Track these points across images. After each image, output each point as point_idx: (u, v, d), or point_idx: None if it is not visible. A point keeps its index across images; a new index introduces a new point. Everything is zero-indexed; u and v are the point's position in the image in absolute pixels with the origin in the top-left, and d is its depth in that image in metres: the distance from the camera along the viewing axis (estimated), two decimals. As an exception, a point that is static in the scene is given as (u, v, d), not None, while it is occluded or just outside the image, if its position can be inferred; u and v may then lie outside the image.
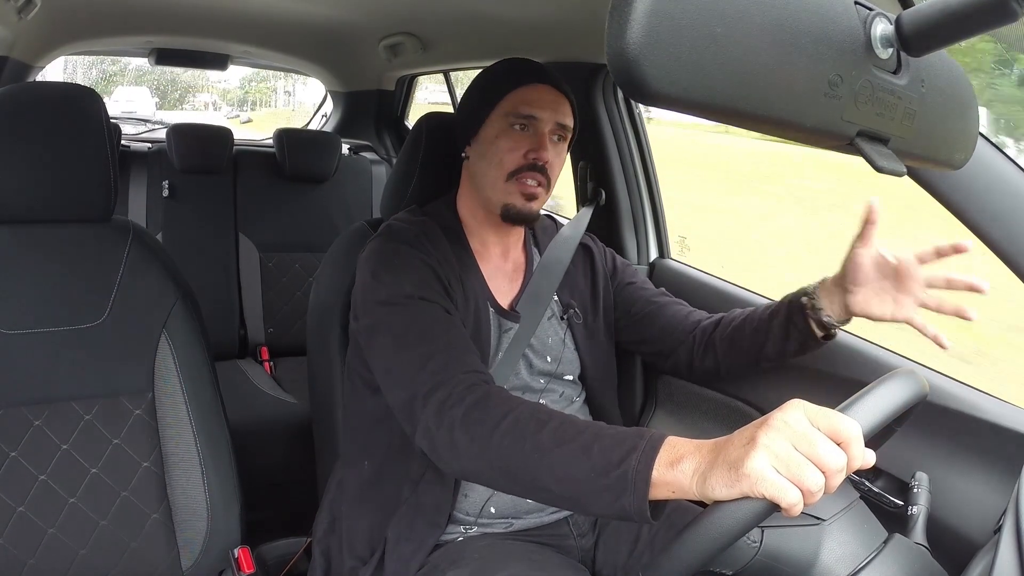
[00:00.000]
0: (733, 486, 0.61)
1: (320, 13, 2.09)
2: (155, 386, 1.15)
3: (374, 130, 2.85)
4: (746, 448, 0.62)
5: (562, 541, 1.12)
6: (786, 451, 0.60)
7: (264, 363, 2.30)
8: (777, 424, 0.62)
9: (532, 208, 1.07)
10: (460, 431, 0.82)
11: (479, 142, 1.09)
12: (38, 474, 1.07)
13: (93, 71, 11.04)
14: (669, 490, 0.68)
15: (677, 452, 0.68)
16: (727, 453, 0.63)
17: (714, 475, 0.63)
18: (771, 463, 0.60)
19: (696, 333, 1.17)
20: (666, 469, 0.68)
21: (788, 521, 0.80)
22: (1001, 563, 0.60)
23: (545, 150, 1.06)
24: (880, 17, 0.49)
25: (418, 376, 0.89)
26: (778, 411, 0.63)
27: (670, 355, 1.20)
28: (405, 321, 0.94)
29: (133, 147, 2.41)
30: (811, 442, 0.60)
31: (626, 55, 0.38)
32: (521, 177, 1.05)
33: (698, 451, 0.67)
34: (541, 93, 1.07)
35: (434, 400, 0.86)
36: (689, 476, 0.66)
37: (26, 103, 1.08)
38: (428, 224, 1.08)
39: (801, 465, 0.60)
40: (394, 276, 0.99)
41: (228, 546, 1.17)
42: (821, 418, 0.62)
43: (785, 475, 0.60)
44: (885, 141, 0.52)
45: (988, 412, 1.00)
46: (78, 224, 1.14)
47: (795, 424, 0.61)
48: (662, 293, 1.26)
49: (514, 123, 1.06)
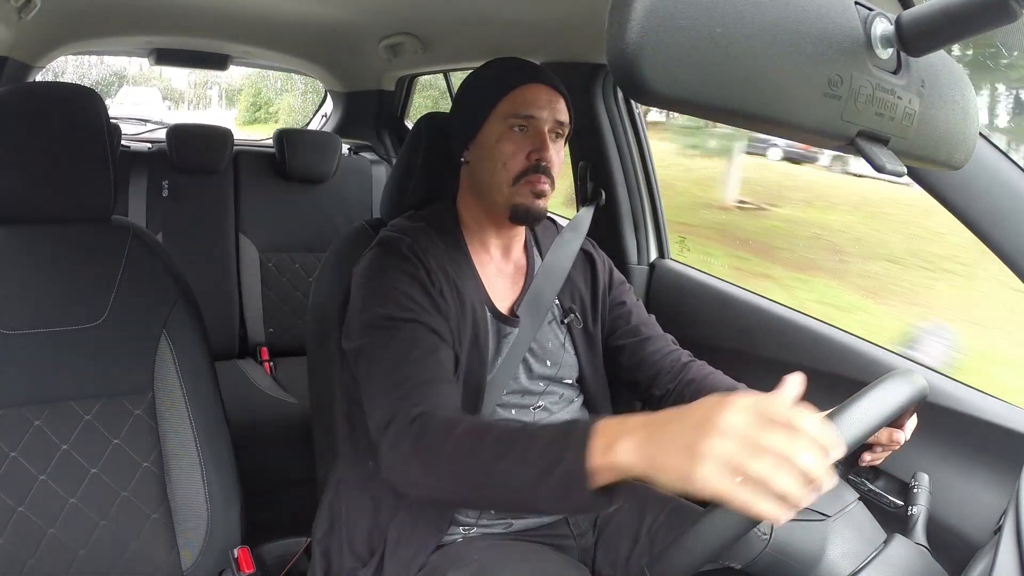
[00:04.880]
0: (689, 492, 0.61)
1: (320, 13, 2.09)
2: (155, 386, 1.15)
3: (374, 130, 2.85)
4: (688, 458, 0.60)
5: (561, 541, 1.12)
6: (729, 453, 0.59)
7: (264, 363, 2.30)
8: (717, 430, 0.60)
9: (541, 206, 1.07)
10: (413, 463, 0.85)
11: (479, 146, 1.09)
12: (38, 474, 1.07)
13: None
14: (613, 474, 0.68)
15: (610, 435, 0.68)
16: (666, 461, 0.62)
17: (661, 478, 0.63)
18: (717, 471, 0.59)
19: (671, 386, 1.14)
20: (602, 455, 0.68)
21: (794, 515, 0.81)
22: (1001, 563, 0.60)
23: (548, 150, 1.05)
24: (880, 17, 0.49)
25: (380, 408, 0.92)
26: (716, 410, 0.61)
27: (645, 390, 1.17)
28: (380, 347, 0.96)
29: (133, 147, 2.42)
30: (755, 439, 0.58)
31: (626, 55, 0.39)
32: (528, 179, 1.06)
33: (631, 432, 0.67)
34: (537, 92, 1.07)
35: (388, 435, 0.88)
36: (628, 459, 0.66)
37: (26, 103, 1.08)
38: (424, 231, 1.08)
39: (746, 463, 0.58)
40: (380, 297, 0.99)
41: (228, 546, 1.17)
42: (761, 409, 0.60)
43: (734, 476, 0.58)
44: (885, 141, 0.52)
45: (988, 412, 1.00)
46: (78, 224, 1.14)
47: (735, 425, 0.59)
48: (646, 324, 1.21)
49: (514, 125, 1.06)
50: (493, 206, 1.09)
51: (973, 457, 0.99)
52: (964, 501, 0.98)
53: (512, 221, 1.09)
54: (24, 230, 1.11)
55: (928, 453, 1.01)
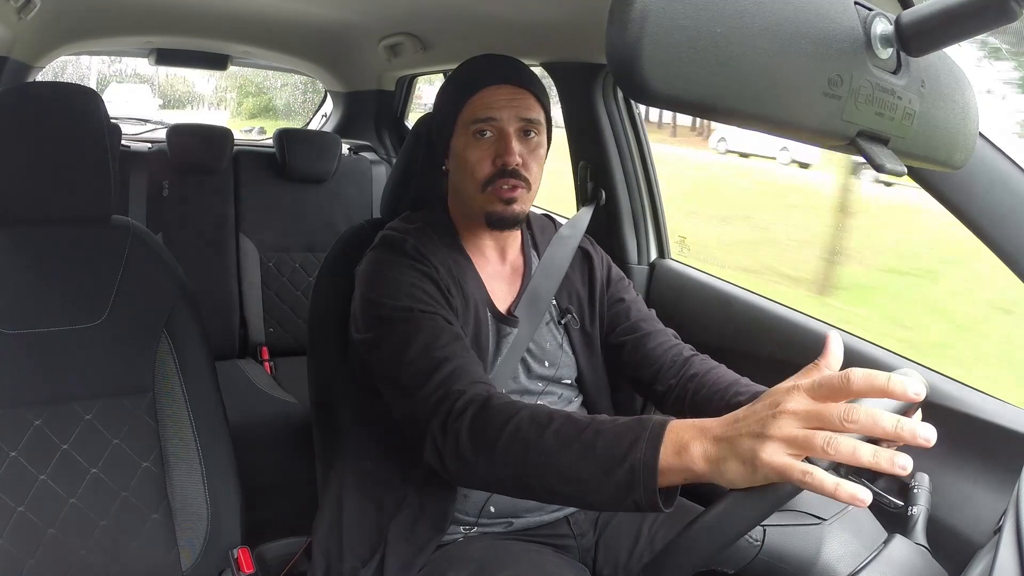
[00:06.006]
0: (752, 478, 0.63)
1: (320, 13, 2.09)
2: (155, 386, 1.15)
3: (374, 130, 2.85)
4: (756, 442, 0.62)
5: (562, 541, 1.12)
6: (794, 433, 0.61)
7: (264, 363, 2.30)
8: (784, 413, 0.62)
9: (514, 211, 1.05)
10: (466, 443, 0.83)
11: (452, 156, 1.09)
12: (38, 474, 1.07)
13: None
14: (679, 477, 0.68)
15: (682, 438, 0.68)
16: (737, 446, 0.64)
17: (729, 468, 0.64)
18: (784, 450, 0.61)
19: (673, 382, 1.13)
20: (673, 457, 0.68)
21: (789, 520, 0.80)
22: (1001, 563, 0.59)
23: (511, 153, 1.03)
24: (880, 17, 0.49)
25: (422, 390, 0.89)
26: (782, 397, 0.64)
27: (648, 386, 1.16)
28: (407, 334, 0.94)
29: (133, 147, 2.41)
30: (816, 415, 0.61)
31: (626, 55, 0.39)
32: (495, 185, 1.04)
33: (704, 435, 0.67)
34: (496, 94, 1.04)
35: (439, 415, 0.86)
36: (699, 462, 0.66)
37: (26, 103, 1.08)
38: (424, 231, 1.08)
39: (809, 436, 0.60)
40: (392, 290, 0.99)
41: (228, 546, 1.17)
42: (817, 387, 0.63)
43: (797, 453, 0.61)
44: (885, 141, 0.52)
45: (988, 412, 1.00)
46: (78, 224, 1.14)
47: (799, 407, 0.62)
48: (646, 320, 1.20)
49: (475, 131, 1.04)
50: (471, 213, 1.09)
51: (973, 457, 0.99)
52: (964, 501, 0.98)
53: (489, 227, 1.08)
54: (24, 230, 1.11)
55: (928, 453, 1.00)
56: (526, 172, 1.05)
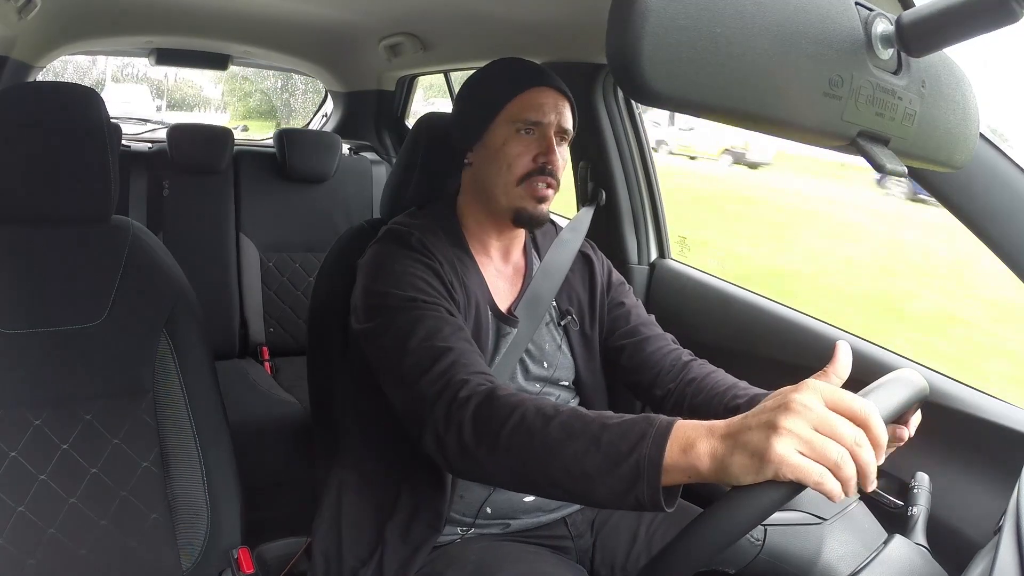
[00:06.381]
0: (759, 472, 0.61)
1: (320, 13, 2.09)
2: (155, 386, 1.15)
3: (374, 130, 2.85)
4: (767, 433, 0.61)
5: (560, 541, 1.12)
6: (808, 433, 0.60)
7: (264, 363, 2.30)
8: (796, 407, 0.61)
9: (543, 211, 1.08)
10: (469, 433, 0.82)
11: (484, 148, 1.09)
12: (38, 474, 1.07)
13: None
14: (684, 475, 0.67)
15: (688, 436, 0.67)
16: (746, 438, 0.63)
17: (735, 461, 0.63)
18: (795, 447, 0.60)
19: (672, 386, 1.13)
20: (679, 455, 0.67)
21: (790, 519, 0.80)
22: (1001, 563, 0.59)
23: (554, 154, 1.06)
24: (880, 17, 0.49)
25: (423, 380, 0.88)
26: (793, 392, 0.63)
27: (647, 391, 1.17)
28: (410, 324, 0.94)
29: (133, 147, 2.41)
30: (831, 423, 0.61)
31: (626, 55, 0.39)
32: (532, 181, 1.06)
33: (710, 433, 0.66)
34: (544, 97, 1.07)
35: (441, 403, 0.85)
36: (705, 460, 0.65)
37: (26, 103, 1.08)
38: (428, 226, 1.08)
39: (825, 444, 0.60)
40: (395, 280, 0.98)
41: (228, 546, 1.17)
42: (836, 399, 0.62)
43: (811, 456, 0.60)
44: (886, 141, 0.52)
45: (988, 412, 1.00)
46: (78, 224, 1.14)
47: (813, 406, 0.61)
48: (645, 324, 1.21)
49: (520, 128, 1.06)
50: (496, 208, 1.09)
51: (973, 457, 0.99)
52: (964, 501, 0.98)
53: (515, 224, 1.09)
54: (24, 230, 1.11)
55: (928, 453, 1.01)
56: (558, 174, 1.08)
